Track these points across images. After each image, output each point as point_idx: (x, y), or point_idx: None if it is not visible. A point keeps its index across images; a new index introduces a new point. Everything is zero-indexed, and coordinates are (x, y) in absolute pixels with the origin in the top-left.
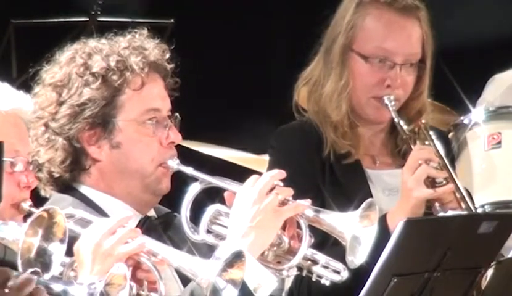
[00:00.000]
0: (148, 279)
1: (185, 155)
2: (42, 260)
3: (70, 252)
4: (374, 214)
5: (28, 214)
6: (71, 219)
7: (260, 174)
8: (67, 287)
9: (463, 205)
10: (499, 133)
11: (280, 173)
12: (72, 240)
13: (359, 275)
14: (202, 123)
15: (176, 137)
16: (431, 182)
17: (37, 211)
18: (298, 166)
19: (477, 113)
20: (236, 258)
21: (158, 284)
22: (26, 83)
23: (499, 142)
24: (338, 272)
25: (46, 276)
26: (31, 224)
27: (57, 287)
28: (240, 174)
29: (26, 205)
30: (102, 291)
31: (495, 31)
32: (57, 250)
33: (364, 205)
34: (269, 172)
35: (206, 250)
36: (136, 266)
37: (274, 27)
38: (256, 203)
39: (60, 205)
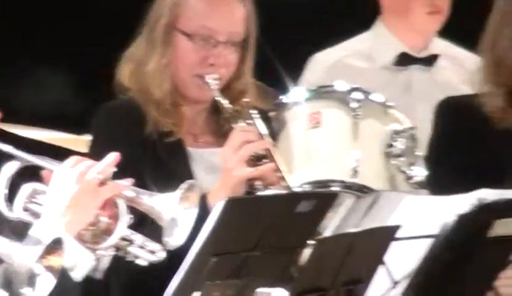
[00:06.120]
0: None
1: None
2: None
3: None
4: (195, 196)
5: None
6: None
7: (80, 154)
8: None
9: (284, 184)
10: (319, 112)
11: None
12: None
13: (178, 255)
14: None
15: None
16: (252, 161)
17: None
18: (117, 145)
19: (297, 92)
20: (56, 245)
21: None
22: None
23: (319, 122)
24: (154, 253)
25: None
26: None
27: None
28: (60, 155)
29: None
30: None
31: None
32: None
33: (184, 185)
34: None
35: (24, 230)
36: None
37: None
38: (75, 183)
39: None
